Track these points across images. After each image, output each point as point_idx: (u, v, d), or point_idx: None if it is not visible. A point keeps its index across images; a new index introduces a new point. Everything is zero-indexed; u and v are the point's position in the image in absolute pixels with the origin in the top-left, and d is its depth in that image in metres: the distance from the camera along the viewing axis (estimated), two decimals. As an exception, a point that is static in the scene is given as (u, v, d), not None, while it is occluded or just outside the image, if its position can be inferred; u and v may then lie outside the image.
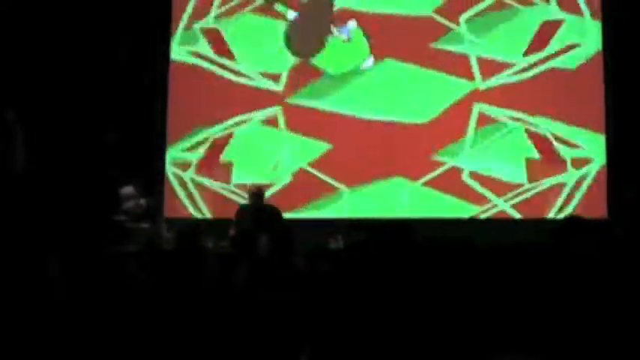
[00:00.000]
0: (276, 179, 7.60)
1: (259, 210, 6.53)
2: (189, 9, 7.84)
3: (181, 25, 7.85)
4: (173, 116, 7.75)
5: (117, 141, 7.52)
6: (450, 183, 7.48)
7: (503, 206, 7.41)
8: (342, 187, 7.59)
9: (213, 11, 7.84)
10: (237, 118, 7.72)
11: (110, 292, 4.48)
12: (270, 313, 4.19)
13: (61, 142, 7.47)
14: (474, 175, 7.47)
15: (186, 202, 7.69)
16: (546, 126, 7.44)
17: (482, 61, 7.56)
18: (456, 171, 7.50)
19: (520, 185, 7.41)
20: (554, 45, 7.52)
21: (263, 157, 7.70)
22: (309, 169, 7.62)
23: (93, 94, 7.59)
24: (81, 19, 7.61)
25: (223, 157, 7.70)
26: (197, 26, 7.84)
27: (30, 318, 3.90)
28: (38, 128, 7.35)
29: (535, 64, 7.52)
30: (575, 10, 7.54)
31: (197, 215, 7.63)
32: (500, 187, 7.44)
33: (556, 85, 7.47)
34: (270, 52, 7.74)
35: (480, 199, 7.46)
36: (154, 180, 7.49)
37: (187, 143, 7.75)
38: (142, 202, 6.33)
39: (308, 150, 7.65)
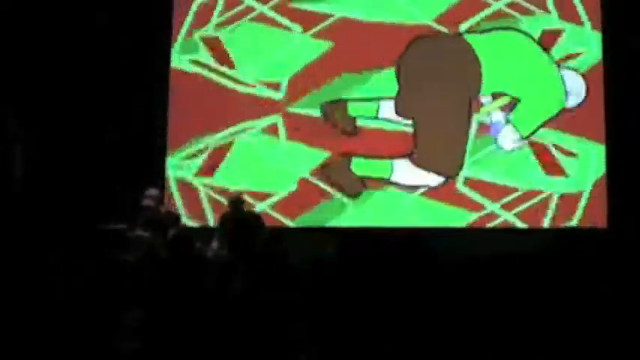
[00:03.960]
0: (277, 188, 7.60)
1: (243, 221, 6.40)
2: (190, 17, 7.84)
3: (182, 33, 7.83)
4: (173, 124, 7.73)
5: (116, 142, 7.51)
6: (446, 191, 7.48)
7: (503, 215, 7.39)
8: (343, 196, 7.60)
9: (214, 20, 7.84)
10: (237, 127, 7.71)
11: (110, 294, 4.48)
12: (269, 315, 4.20)
13: (62, 144, 7.46)
14: (469, 183, 7.46)
15: (186, 209, 7.67)
16: (546, 135, 7.44)
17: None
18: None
19: (519, 193, 7.39)
20: (554, 54, 7.52)
21: (263, 165, 7.68)
22: (310, 178, 7.62)
23: (93, 96, 7.58)
24: (81, 21, 7.61)
25: (223, 165, 7.70)
26: (197, 34, 7.84)
27: (30, 319, 3.90)
28: (38, 130, 7.37)
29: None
30: (576, 19, 7.54)
31: (197, 223, 7.60)
32: (497, 196, 7.41)
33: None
34: (270, 61, 7.73)
35: (476, 207, 7.44)
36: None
37: (188, 151, 7.74)
38: (160, 207, 6.34)
39: (309, 158, 7.63)
